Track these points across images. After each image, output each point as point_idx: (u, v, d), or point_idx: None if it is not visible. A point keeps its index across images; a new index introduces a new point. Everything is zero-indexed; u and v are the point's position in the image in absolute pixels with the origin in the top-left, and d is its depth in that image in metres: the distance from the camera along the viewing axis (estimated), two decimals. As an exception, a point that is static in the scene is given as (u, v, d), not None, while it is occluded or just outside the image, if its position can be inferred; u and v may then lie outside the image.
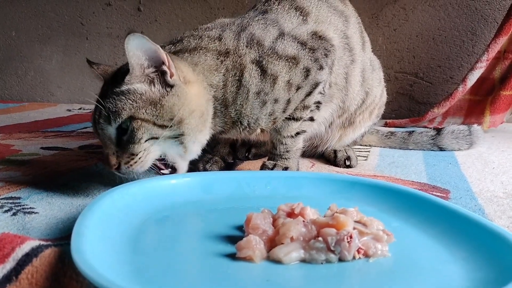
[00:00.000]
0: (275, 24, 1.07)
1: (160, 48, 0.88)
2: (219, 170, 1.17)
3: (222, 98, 1.01)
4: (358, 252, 0.64)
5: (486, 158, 1.36)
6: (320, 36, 1.09)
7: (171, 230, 0.74)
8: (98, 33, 2.59)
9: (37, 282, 0.56)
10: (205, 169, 1.15)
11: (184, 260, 0.63)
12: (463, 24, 2.05)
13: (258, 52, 1.02)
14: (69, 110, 2.37)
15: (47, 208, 0.87)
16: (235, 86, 1.01)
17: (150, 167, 0.93)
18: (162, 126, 0.90)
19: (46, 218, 0.82)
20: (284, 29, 1.06)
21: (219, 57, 1.01)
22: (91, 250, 0.56)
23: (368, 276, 0.61)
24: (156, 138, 0.90)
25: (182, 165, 0.97)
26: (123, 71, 0.92)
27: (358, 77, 1.23)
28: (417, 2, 2.09)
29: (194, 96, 0.95)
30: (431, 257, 0.66)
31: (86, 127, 1.83)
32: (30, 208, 0.87)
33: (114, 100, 0.89)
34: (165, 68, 0.90)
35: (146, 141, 0.90)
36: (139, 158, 0.90)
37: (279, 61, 1.03)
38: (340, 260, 0.63)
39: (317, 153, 1.36)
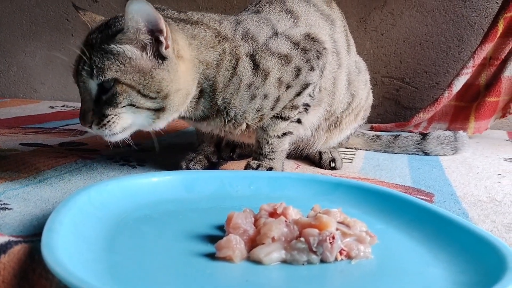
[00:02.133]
0: (269, 23, 1.07)
1: (162, 18, 0.86)
2: (203, 169, 1.15)
3: (213, 79, 0.99)
4: (341, 253, 0.62)
5: (470, 163, 1.36)
6: (312, 38, 1.10)
7: (149, 229, 0.72)
8: (84, 30, 2.54)
9: (4, 279, 0.53)
10: (188, 168, 1.13)
11: (161, 259, 0.61)
12: (450, 30, 2.06)
13: (252, 47, 1.03)
14: (52, 107, 2.32)
15: (22, 205, 0.84)
16: (230, 72, 1.00)
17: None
18: (146, 96, 0.88)
19: (20, 214, 0.79)
20: (278, 30, 1.07)
21: (217, 36, 1.01)
22: (63, 247, 0.54)
23: (350, 278, 0.60)
24: (134, 106, 0.88)
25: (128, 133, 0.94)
26: (116, 27, 0.89)
27: (344, 81, 1.23)
28: (405, 8, 2.10)
29: (183, 73, 0.93)
30: (414, 259, 0.65)
31: (68, 124, 1.79)
32: (4, 204, 0.84)
33: (101, 55, 0.86)
34: (162, 38, 0.87)
35: (123, 106, 0.88)
36: (108, 122, 0.88)
37: (271, 58, 1.03)
38: (322, 261, 0.62)
39: (302, 155, 1.35)
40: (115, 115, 0.88)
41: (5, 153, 1.23)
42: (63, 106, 2.39)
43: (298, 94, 1.08)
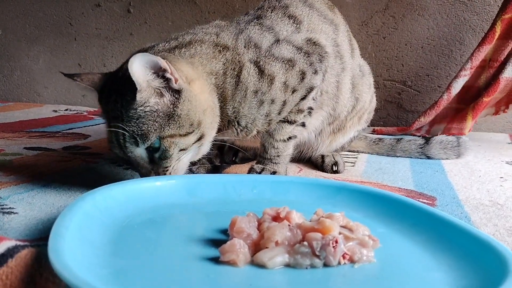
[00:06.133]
0: (271, 31, 1.08)
1: (160, 58, 0.87)
2: (206, 173, 1.15)
3: (222, 87, 1.01)
4: (343, 257, 0.63)
5: (472, 167, 1.36)
6: (314, 43, 1.11)
7: (153, 233, 0.73)
8: (87, 34, 2.56)
9: (12, 284, 0.54)
10: (191, 172, 1.13)
11: (165, 263, 0.62)
12: (451, 33, 2.07)
13: (256, 54, 1.04)
14: (55, 111, 2.34)
15: (27, 209, 0.85)
16: (234, 80, 1.01)
17: None
18: (187, 134, 0.92)
19: (26, 218, 0.80)
20: (280, 36, 1.08)
21: (216, 47, 1.02)
22: (69, 251, 0.55)
23: (353, 281, 0.60)
24: (185, 149, 0.93)
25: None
26: (131, 86, 0.88)
27: (348, 84, 1.24)
28: (406, 11, 2.10)
29: (200, 93, 0.96)
30: (417, 263, 0.65)
31: (71, 128, 1.80)
32: (10, 208, 0.85)
33: (135, 123, 0.89)
34: (168, 75, 0.89)
35: (175, 154, 0.92)
36: (173, 169, 0.94)
37: (275, 63, 1.04)
38: (325, 265, 0.62)
39: (305, 158, 1.35)
40: (175, 161, 0.93)
41: (9, 158, 1.23)
42: (66, 109, 2.41)
43: (304, 97, 1.09)
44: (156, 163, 0.92)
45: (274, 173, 1.09)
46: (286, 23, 1.11)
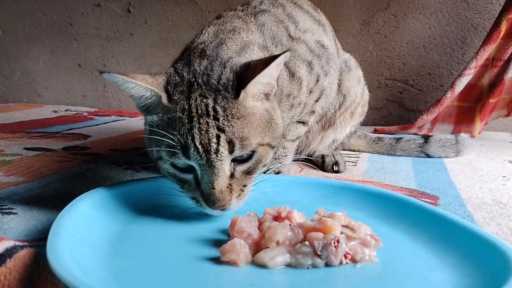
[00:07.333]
0: (283, 24, 1.05)
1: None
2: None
3: None
4: (345, 257, 0.62)
5: (475, 166, 1.35)
6: (322, 45, 1.11)
7: (153, 233, 0.72)
8: (87, 34, 2.56)
9: (10, 284, 0.54)
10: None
11: (166, 263, 0.61)
12: (453, 32, 2.06)
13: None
14: (55, 112, 2.33)
15: (27, 209, 0.85)
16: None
17: None
18: (274, 147, 0.80)
19: (25, 219, 0.80)
20: (290, 32, 1.05)
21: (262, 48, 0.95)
22: (68, 252, 0.54)
23: (355, 281, 0.60)
24: (264, 167, 0.80)
25: None
26: (231, 79, 0.76)
27: (335, 85, 1.24)
28: (408, 10, 2.09)
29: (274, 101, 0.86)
30: (419, 263, 0.65)
31: (71, 129, 1.80)
32: (9, 208, 0.84)
33: (235, 124, 0.73)
34: (274, 82, 0.79)
35: (260, 169, 0.79)
36: (247, 189, 0.77)
37: (302, 65, 1.01)
38: (327, 265, 0.62)
39: (300, 157, 1.35)
40: (250, 185, 0.78)
41: (9, 158, 1.23)
42: (66, 110, 2.41)
43: (317, 100, 1.10)
44: (237, 179, 0.75)
45: (278, 173, 1.09)
46: (288, 21, 1.10)
